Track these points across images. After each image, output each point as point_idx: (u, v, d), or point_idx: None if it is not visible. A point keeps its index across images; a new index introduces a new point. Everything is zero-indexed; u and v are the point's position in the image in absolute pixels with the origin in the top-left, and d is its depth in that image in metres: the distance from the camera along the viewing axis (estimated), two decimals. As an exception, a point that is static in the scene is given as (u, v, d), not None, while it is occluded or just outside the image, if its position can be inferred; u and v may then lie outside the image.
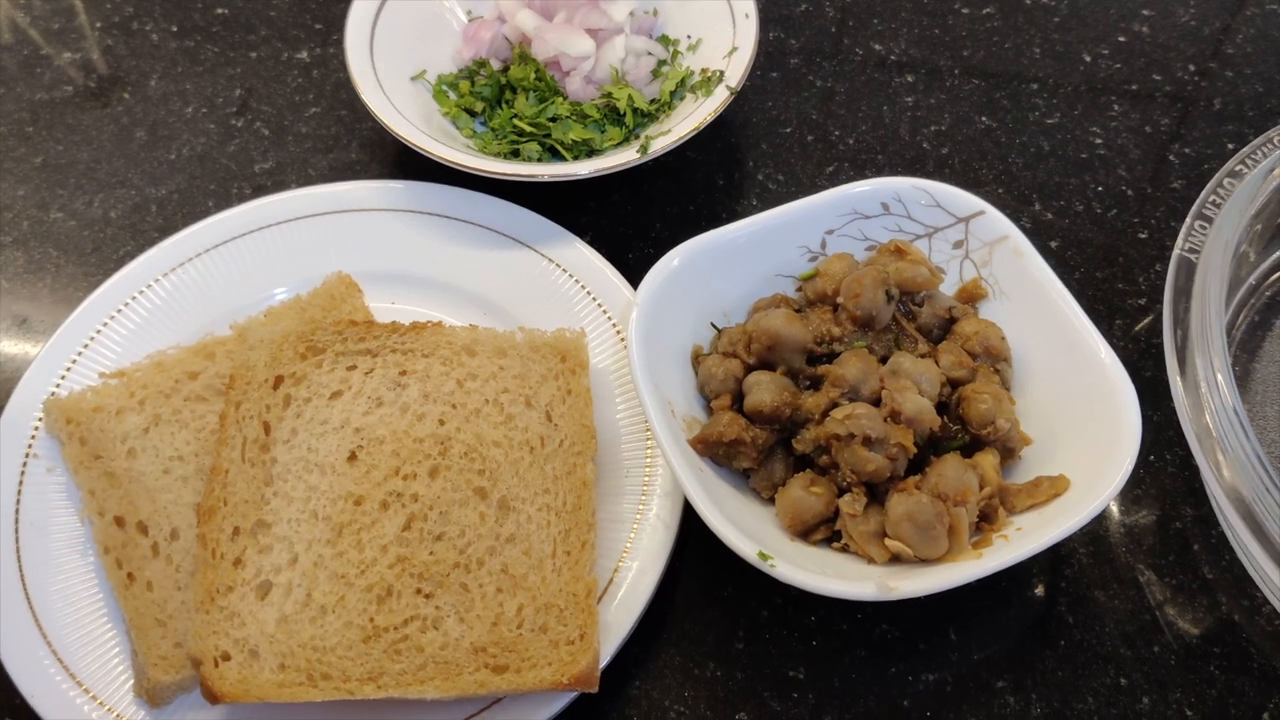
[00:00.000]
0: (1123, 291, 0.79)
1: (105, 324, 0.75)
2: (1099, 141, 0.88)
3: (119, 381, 0.71)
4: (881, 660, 0.64)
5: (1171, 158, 0.86)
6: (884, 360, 0.65)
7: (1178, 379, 0.65)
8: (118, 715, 0.60)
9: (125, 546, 0.65)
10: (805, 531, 0.62)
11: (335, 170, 0.88)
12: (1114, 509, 0.70)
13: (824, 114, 0.90)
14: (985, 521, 0.61)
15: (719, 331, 0.68)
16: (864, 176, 0.85)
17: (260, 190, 0.85)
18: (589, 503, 0.65)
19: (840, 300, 0.66)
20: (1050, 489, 0.61)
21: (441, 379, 0.68)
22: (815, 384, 0.64)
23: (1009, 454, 0.64)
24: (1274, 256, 0.77)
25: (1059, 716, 0.62)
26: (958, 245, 0.71)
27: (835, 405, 0.62)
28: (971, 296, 0.70)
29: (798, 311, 0.67)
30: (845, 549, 0.61)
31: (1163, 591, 0.66)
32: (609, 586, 0.64)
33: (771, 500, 0.63)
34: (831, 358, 0.65)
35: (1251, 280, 0.76)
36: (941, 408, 0.64)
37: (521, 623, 0.60)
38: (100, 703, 0.61)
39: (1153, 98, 0.90)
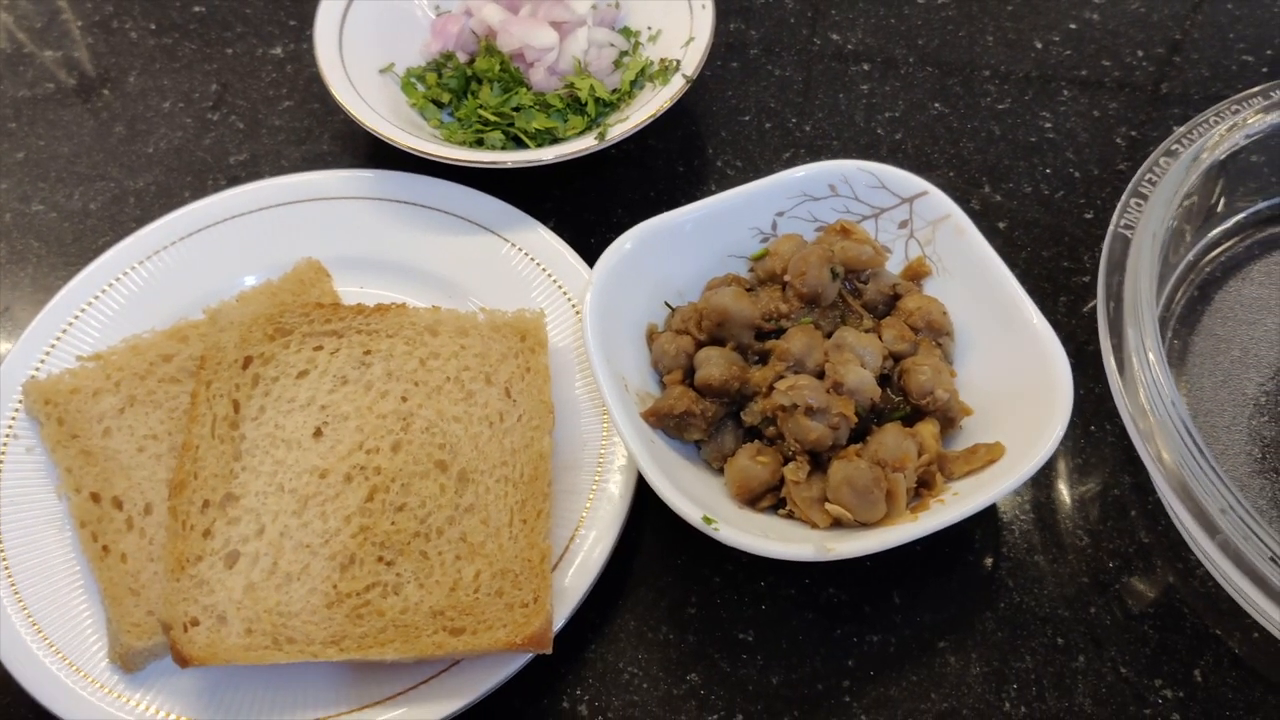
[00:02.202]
0: (1068, 270, 0.81)
1: (83, 310, 0.77)
2: (1048, 126, 0.90)
3: (96, 364, 0.73)
4: (828, 623, 0.67)
5: (1118, 140, 0.89)
6: (830, 335, 0.67)
7: (1110, 350, 0.67)
8: (92, 680, 0.63)
9: (100, 521, 0.67)
10: (752, 499, 0.64)
11: (308, 161, 0.90)
12: (1056, 477, 0.72)
13: (781, 102, 0.92)
14: (924, 487, 0.64)
15: (672, 310, 0.71)
16: (818, 160, 0.87)
17: (235, 181, 0.87)
18: (545, 474, 0.67)
19: (788, 278, 0.69)
20: (986, 455, 0.64)
21: (404, 358, 0.71)
22: (763, 359, 0.67)
23: (949, 424, 0.66)
24: (1211, 234, 0.80)
25: (998, 675, 0.65)
26: (903, 225, 0.73)
27: (781, 378, 0.64)
28: (916, 274, 0.73)
29: (749, 290, 0.69)
30: (790, 515, 0.64)
31: (1101, 556, 0.69)
32: (565, 554, 0.66)
33: (721, 470, 0.66)
34: (779, 334, 0.67)
35: (1190, 257, 0.79)
36: (884, 380, 0.66)
37: (478, 588, 0.63)
38: (76, 669, 0.63)
39: (1101, 83, 0.93)
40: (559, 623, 0.64)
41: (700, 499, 0.61)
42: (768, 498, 0.64)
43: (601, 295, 0.66)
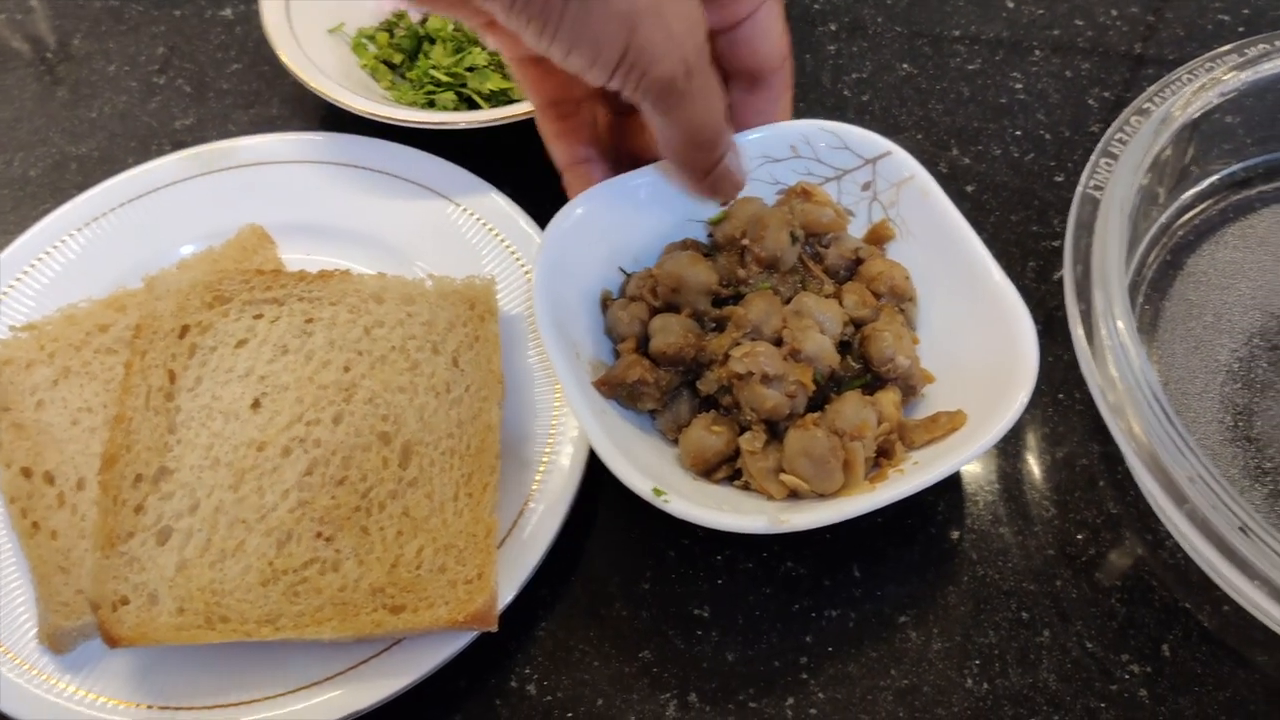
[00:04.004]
0: (1037, 234, 0.79)
1: (18, 279, 0.75)
2: (1019, 87, 0.88)
3: (29, 335, 0.70)
4: (786, 597, 0.65)
5: (1091, 102, 0.87)
6: (789, 301, 0.64)
7: (1077, 317, 0.65)
8: (20, 661, 0.60)
9: (31, 496, 0.65)
10: (707, 470, 0.62)
11: (256, 125, 0.87)
12: (1023, 447, 0.70)
13: (746, 63, 0.89)
14: (884, 457, 0.62)
15: (627, 276, 0.68)
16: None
17: (180, 146, 0.85)
18: (493, 446, 0.65)
19: (746, 243, 0.66)
20: (948, 424, 0.61)
21: (348, 326, 0.68)
22: (720, 326, 0.64)
23: (910, 391, 0.64)
24: (1184, 197, 0.77)
25: (960, 650, 0.63)
26: (866, 187, 0.70)
27: (738, 345, 0.62)
28: (880, 238, 0.70)
29: (706, 255, 0.67)
30: (746, 487, 0.61)
31: (1068, 527, 0.67)
32: (513, 529, 0.64)
33: (676, 442, 0.63)
34: (738, 300, 0.65)
35: (1162, 220, 0.76)
36: (845, 347, 0.64)
37: (421, 564, 0.61)
38: (4, 649, 0.61)
39: (1074, 43, 0.91)
40: (506, 599, 0.61)
41: (653, 471, 0.59)
42: (723, 469, 0.62)
43: (552, 260, 0.63)
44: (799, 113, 0.84)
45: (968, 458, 0.58)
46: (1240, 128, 0.77)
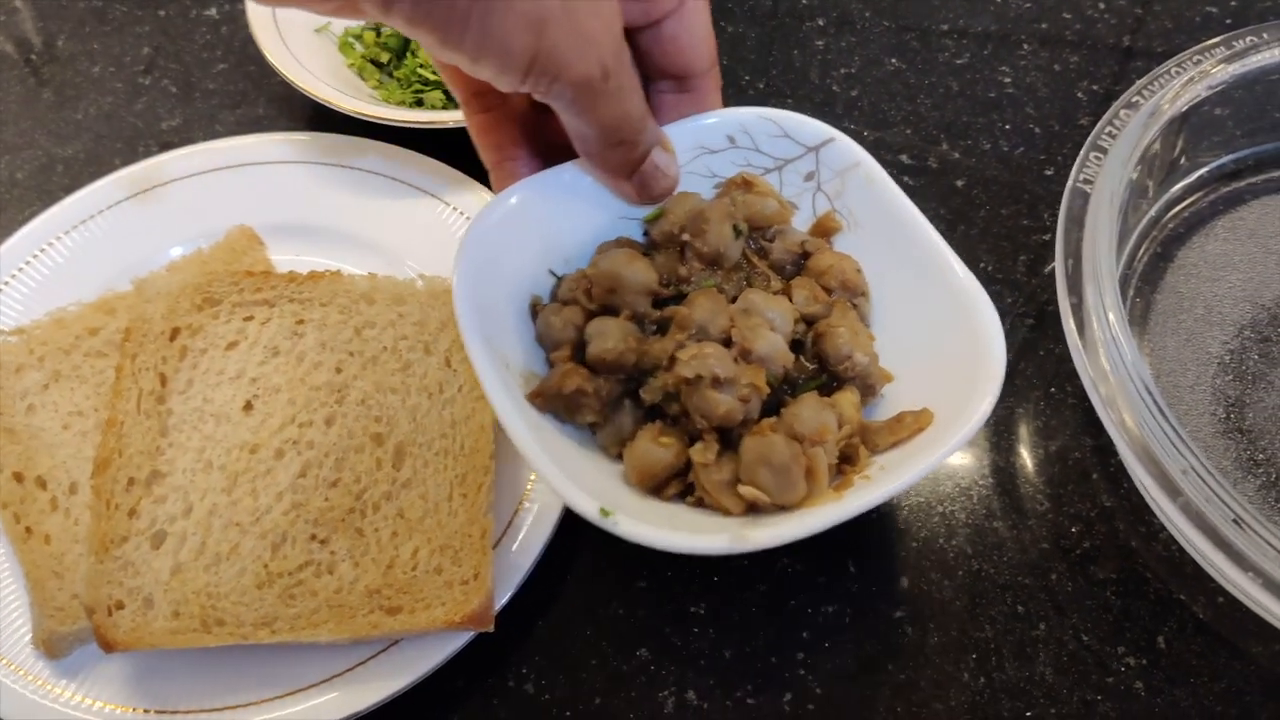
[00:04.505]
0: (1028, 228, 0.79)
1: (6, 283, 0.74)
2: (1008, 81, 0.88)
3: (18, 339, 0.70)
4: (781, 594, 0.65)
5: (1080, 95, 0.87)
6: (735, 300, 0.61)
7: (1069, 310, 0.65)
8: (15, 667, 0.60)
9: (24, 501, 0.64)
10: (656, 486, 0.57)
11: (243, 125, 0.87)
12: (1016, 441, 0.70)
13: (735, 59, 0.89)
14: (846, 463, 0.58)
15: (558, 279, 0.63)
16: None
17: (167, 147, 0.84)
18: (487, 446, 0.65)
19: (686, 238, 0.61)
20: (914, 424, 0.58)
21: (339, 327, 0.68)
22: (663, 328, 0.59)
23: (869, 391, 0.60)
24: (1174, 189, 0.78)
25: (956, 645, 0.63)
26: (809, 177, 0.65)
27: (683, 348, 0.57)
28: (826, 230, 0.65)
29: (644, 254, 0.62)
30: (700, 503, 0.57)
31: (1062, 521, 0.67)
32: (508, 529, 0.64)
33: (620, 457, 0.59)
34: (679, 300, 0.60)
35: (1152, 213, 0.77)
36: (797, 346, 0.60)
37: (416, 565, 0.61)
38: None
39: (1062, 37, 0.91)
40: (502, 599, 0.61)
41: (596, 488, 0.54)
42: (674, 484, 0.57)
43: (474, 262, 0.58)
44: (789, 109, 0.85)
45: (938, 459, 0.54)
46: (1229, 120, 0.77)
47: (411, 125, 0.77)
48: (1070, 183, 0.69)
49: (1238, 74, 0.74)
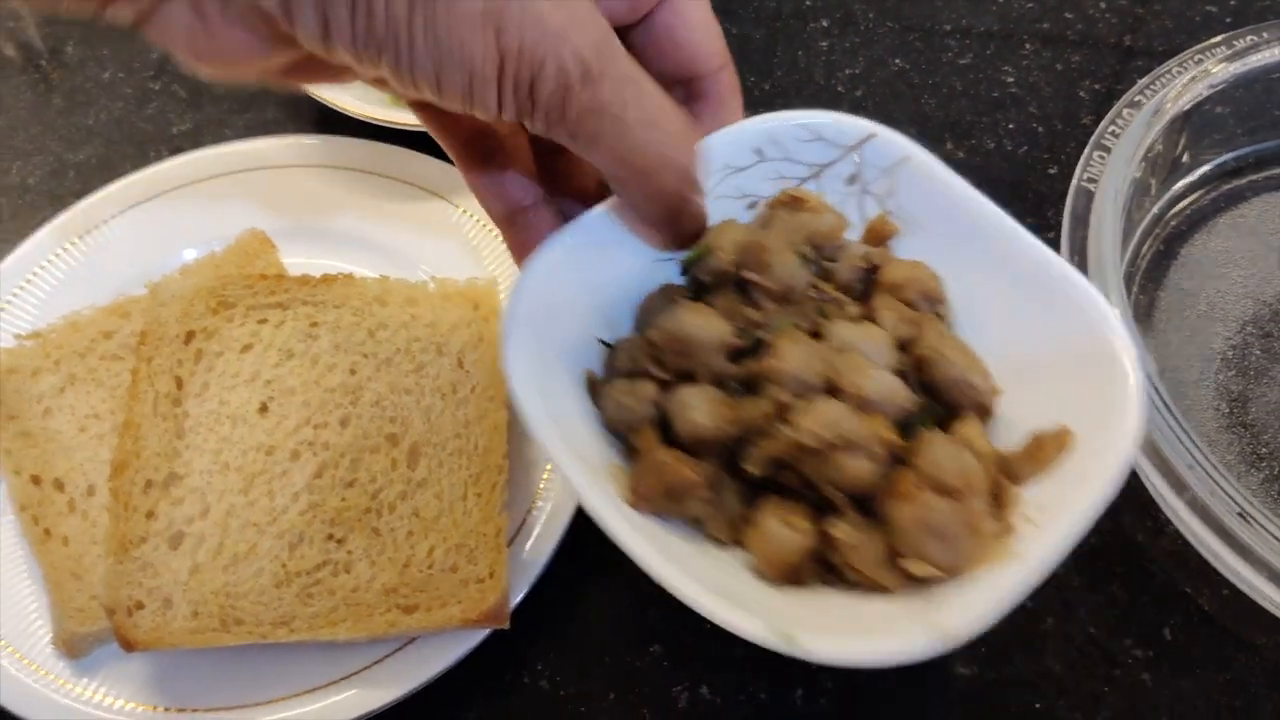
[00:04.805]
0: (1033, 226, 0.78)
1: (21, 287, 0.75)
2: (1010, 80, 0.89)
3: (34, 343, 0.71)
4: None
5: (1082, 94, 0.87)
6: (815, 335, 0.53)
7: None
8: (36, 666, 0.61)
9: (42, 504, 0.65)
10: (795, 577, 0.49)
11: (252, 129, 0.88)
12: (1022, 437, 0.71)
13: (740, 60, 0.89)
14: (995, 503, 0.50)
15: (611, 349, 0.54)
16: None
17: (178, 152, 0.84)
18: (500, 445, 0.65)
19: (748, 276, 0.53)
20: (1056, 447, 0.50)
21: (352, 329, 0.68)
22: (748, 386, 0.52)
23: (985, 414, 0.53)
24: (1176, 187, 0.78)
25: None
26: (852, 180, 0.58)
27: (784, 407, 0.49)
28: (880, 236, 0.59)
29: (695, 299, 0.54)
30: (842, 580, 0.49)
31: (1069, 516, 0.68)
32: (522, 527, 0.65)
33: (728, 542, 0.51)
34: (756, 349, 0.52)
35: (1155, 211, 0.77)
36: (899, 377, 0.52)
37: (432, 564, 0.61)
38: (19, 656, 0.61)
39: (1065, 36, 0.91)
40: (516, 597, 0.62)
41: (744, 598, 0.47)
42: (812, 567, 0.50)
43: (525, 347, 0.50)
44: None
45: (1110, 485, 0.46)
46: (1230, 118, 0.78)
47: (421, 129, 0.77)
48: (1074, 181, 0.70)
49: (1238, 73, 0.75)
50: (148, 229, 0.78)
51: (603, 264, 0.53)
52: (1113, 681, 0.62)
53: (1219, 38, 0.76)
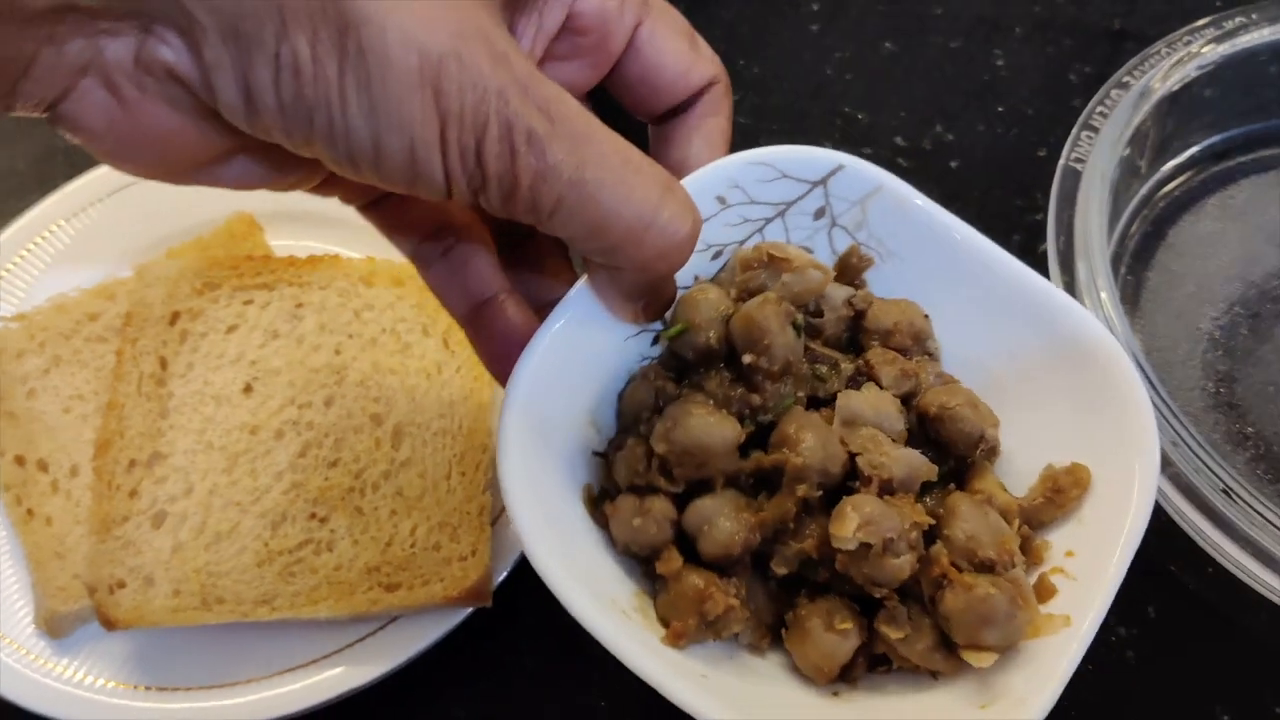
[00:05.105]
0: (1020, 208, 0.80)
1: (8, 270, 0.75)
2: (1001, 64, 0.88)
3: (19, 325, 0.71)
4: (776, 570, 0.65)
5: (1072, 77, 0.87)
6: (812, 399, 0.49)
7: (1060, 283, 0.66)
8: (18, 646, 0.61)
9: (25, 484, 0.65)
10: (844, 674, 0.47)
11: (241, 114, 0.88)
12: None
13: (730, 44, 0.90)
14: (1027, 560, 0.49)
15: (607, 460, 0.50)
16: (767, 103, 0.86)
17: (166, 136, 0.85)
18: (484, 425, 0.65)
19: (749, 361, 0.48)
20: (1075, 489, 0.49)
21: (338, 310, 0.68)
22: (763, 481, 0.47)
23: (994, 455, 0.51)
24: (1164, 169, 0.78)
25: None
26: (819, 215, 0.54)
27: (806, 502, 0.46)
28: (854, 270, 0.55)
29: (675, 381, 0.50)
30: (886, 664, 0.48)
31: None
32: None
33: (763, 646, 0.48)
34: (761, 435, 0.48)
35: (1143, 192, 0.77)
36: (909, 438, 0.50)
37: (415, 542, 0.61)
38: (1, 635, 0.61)
39: (1054, 20, 0.91)
40: (500, 575, 0.62)
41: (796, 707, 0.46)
42: (860, 664, 0.48)
43: (527, 468, 0.46)
44: (783, 93, 0.86)
45: (1139, 522, 0.46)
46: (1219, 100, 0.78)
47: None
48: (1062, 161, 0.70)
49: (1227, 54, 0.75)
50: (135, 212, 0.78)
51: (585, 355, 0.49)
52: (1097, 659, 0.61)
53: (1207, 19, 0.75)
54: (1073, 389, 0.50)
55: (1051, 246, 0.67)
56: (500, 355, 0.48)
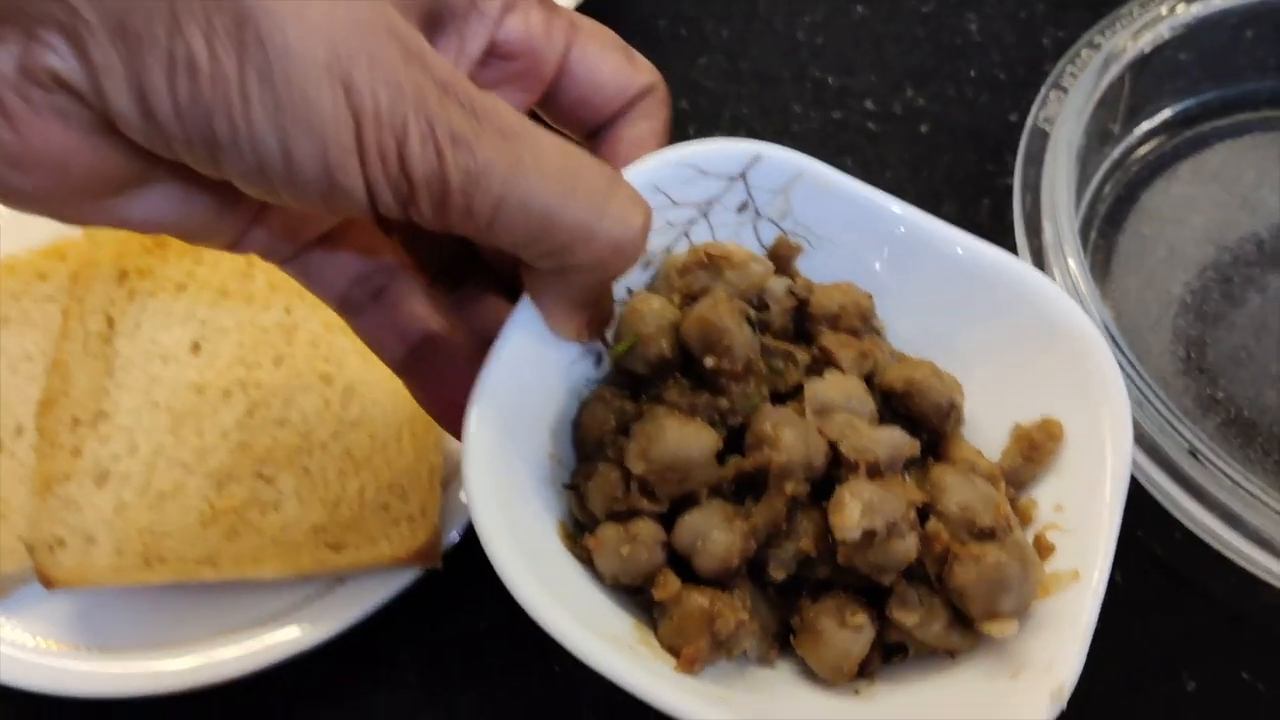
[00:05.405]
0: (991, 173, 0.78)
1: (-42, 233, 0.73)
2: (973, 28, 0.87)
3: (-32, 286, 0.69)
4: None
5: (1045, 42, 0.86)
6: (780, 397, 0.48)
7: (1027, 250, 0.65)
8: (-44, 608, 0.60)
9: (-32, 444, 0.64)
10: (859, 670, 0.46)
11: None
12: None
13: (699, 8, 0.89)
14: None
15: (576, 490, 0.47)
16: (736, 67, 0.84)
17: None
18: (438, 385, 0.64)
19: (712, 364, 0.46)
20: (1049, 443, 0.48)
21: (290, 268, 0.67)
22: (745, 485, 0.46)
23: (960, 422, 0.50)
24: (1137, 132, 0.77)
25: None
26: (742, 208, 0.53)
27: (794, 502, 0.44)
28: (783, 261, 0.54)
29: (632, 399, 0.48)
30: (904, 658, 0.47)
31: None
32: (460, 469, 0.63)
33: (775, 659, 0.47)
34: (733, 440, 0.46)
35: (1115, 155, 0.76)
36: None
37: (363, 503, 0.60)
38: (-59, 597, 0.60)
39: (1030, -16, 0.90)
40: (452, 537, 0.61)
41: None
42: (875, 656, 0.47)
43: (503, 519, 0.43)
44: (752, 59, 0.84)
45: (1123, 464, 0.46)
46: (1193, 63, 0.77)
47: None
48: (1030, 121, 0.69)
49: (1200, 15, 0.74)
50: (89, 173, 0.77)
51: (535, 386, 0.47)
52: (1060, 625, 0.61)
53: (1180, -22, 0.74)
54: (1025, 347, 0.49)
55: (1018, 206, 0.65)
56: (445, 402, 0.46)
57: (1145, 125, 0.77)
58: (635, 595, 0.46)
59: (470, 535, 0.62)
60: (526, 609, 0.41)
